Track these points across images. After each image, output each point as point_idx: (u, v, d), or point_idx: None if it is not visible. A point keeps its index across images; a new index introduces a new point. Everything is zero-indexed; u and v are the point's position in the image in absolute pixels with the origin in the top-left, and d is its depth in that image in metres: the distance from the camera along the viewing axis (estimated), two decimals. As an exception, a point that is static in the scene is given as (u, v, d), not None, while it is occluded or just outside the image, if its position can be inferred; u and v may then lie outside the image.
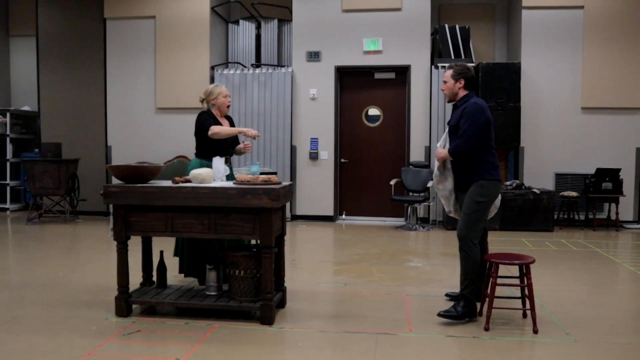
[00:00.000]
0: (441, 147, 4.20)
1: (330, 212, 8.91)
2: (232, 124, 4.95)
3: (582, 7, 8.41)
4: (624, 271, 5.66)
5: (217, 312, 4.11)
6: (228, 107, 4.81)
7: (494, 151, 4.10)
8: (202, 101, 4.84)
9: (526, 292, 3.88)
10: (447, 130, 4.22)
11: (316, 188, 8.90)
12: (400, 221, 8.80)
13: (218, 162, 4.36)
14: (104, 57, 9.24)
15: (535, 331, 3.74)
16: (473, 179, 4.00)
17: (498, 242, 7.09)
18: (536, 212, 7.96)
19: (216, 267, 4.19)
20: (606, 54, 8.27)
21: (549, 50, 8.50)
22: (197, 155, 4.73)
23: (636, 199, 8.50)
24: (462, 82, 4.09)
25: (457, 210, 4.24)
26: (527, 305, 3.92)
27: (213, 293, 4.15)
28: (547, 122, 8.49)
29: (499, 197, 4.20)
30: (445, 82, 4.16)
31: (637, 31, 8.29)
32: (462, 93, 4.10)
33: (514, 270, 5.13)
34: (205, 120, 4.64)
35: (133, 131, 9.15)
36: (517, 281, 4.07)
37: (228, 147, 4.74)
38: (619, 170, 8.07)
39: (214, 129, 4.54)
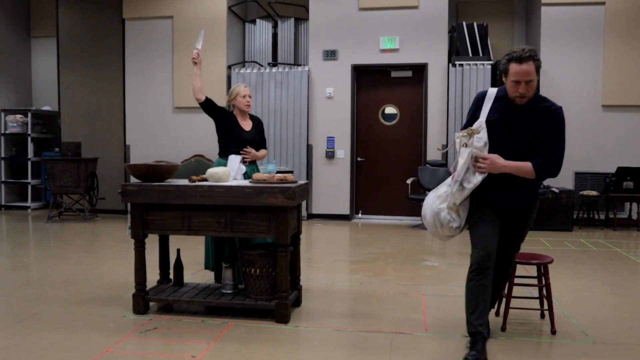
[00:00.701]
0: (483, 151, 3.15)
1: (346, 211, 8.90)
2: (258, 126, 4.87)
3: (603, 4, 8.29)
4: (634, 265, 5.58)
5: (233, 310, 4.12)
6: (247, 106, 4.76)
7: None
8: (227, 102, 4.85)
9: (544, 292, 3.84)
10: (482, 125, 3.17)
11: (332, 187, 8.90)
12: (416, 220, 8.76)
13: (232, 160, 4.42)
14: (122, 57, 9.32)
15: (553, 332, 3.70)
16: (534, 199, 3.32)
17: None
18: (555, 212, 7.87)
19: (232, 266, 4.21)
20: (628, 51, 8.15)
21: (568, 47, 8.40)
22: (219, 154, 4.78)
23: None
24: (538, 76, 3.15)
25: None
26: (545, 306, 3.87)
27: (229, 291, 4.17)
28: (566, 120, 8.36)
29: None
30: (529, 81, 3.06)
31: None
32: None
33: (532, 270, 5.08)
34: (216, 106, 4.74)
35: (151, 130, 9.22)
36: (535, 281, 4.03)
37: (244, 144, 4.71)
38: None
39: (196, 87, 4.71)
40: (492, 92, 3.27)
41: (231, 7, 9.01)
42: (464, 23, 8.71)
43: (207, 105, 4.67)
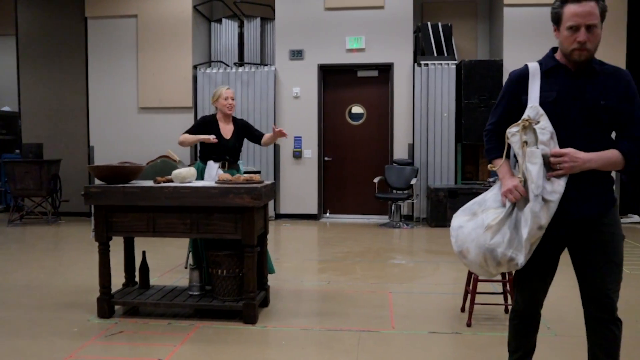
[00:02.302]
0: (549, 146, 2.28)
1: (314, 210, 8.91)
2: (240, 130, 4.77)
3: (562, 5, 8.47)
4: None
5: (200, 311, 4.10)
6: (229, 108, 4.68)
7: None
8: (212, 103, 4.80)
9: (507, 287, 3.91)
10: (542, 112, 2.32)
11: (300, 186, 8.90)
12: (384, 219, 8.83)
13: (211, 166, 4.50)
14: (85, 57, 9.16)
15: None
16: (613, 200, 2.40)
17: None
18: (519, 208, 8.01)
19: (199, 267, 4.17)
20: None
21: (530, 47, 8.55)
22: (199, 157, 4.79)
23: (617, 193, 8.60)
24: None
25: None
26: (509, 301, 3.95)
27: (196, 293, 4.14)
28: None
29: None
30: (591, 26, 2.28)
31: (615, 28, 8.38)
32: None
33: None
34: (193, 124, 4.73)
35: (115, 131, 9.08)
36: (499, 277, 4.09)
37: (225, 154, 4.66)
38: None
39: (180, 138, 4.62)
40: (535, 66, 2.50)
41: (196, 7, 8.93)
42: (429, 23, 8.81)
43: (191, 136, 4.62)
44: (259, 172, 8.32)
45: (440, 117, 8.59)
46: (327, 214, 9.17)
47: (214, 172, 4.47)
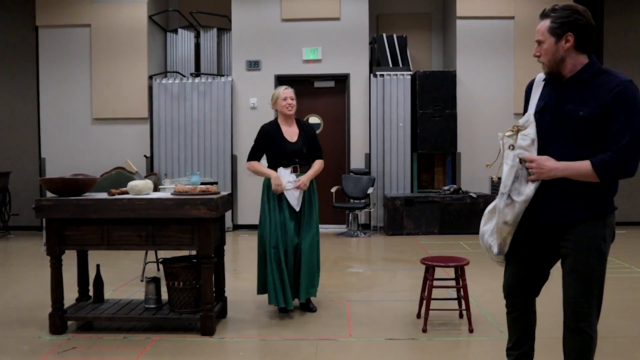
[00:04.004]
0: (529, 151, 2.46)
1: (273, 220, 8.89)
2: (307, 134, 4.46)
3: (512, 18, 8.76)
4: (558, 271, 5.90)
5: (157, 325, 4.05)
6: (288, 108, 4.40)
7: None
8: (272, 108, 4.60)
9: (461, 293, 4.00)
10: (530, 119, 2.50)
11: (258, 197, 8.80)
12: (341, 228, 8.88)
13: (281, 173, 4.32)
14: (36, 66, 8.94)
15: (471, 330, 3.86)
16: (592, 213, 2.42)
17: (437, 245, 7.27)
18: (473, 216, 8.19)
19: (155, 279, 4.12)
20: (536, 62, 8.61)
21: (482, 58, 8.80)
22: (268, 165, 4.49)
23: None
24: (571, 39, 2.40)
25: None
26: (463, 306, 4.03)
27: (152, 306, 4.08)
28: (482, 128, 8.77)
29: None
30: (540, 42, 2.47)
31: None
32: (578, 59, 2.44)
33: (451, 273, 5.27)
34: (256, 141, 4.48)
35: (68, 143, 8.88)
36: (453, 283, 4.19)
37: (293, 157, 4.36)
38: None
39: (247, 165, 4.48)
40: (540, 76, 2.62)
41: (152, 17, 8.85)
42: (384, 35, 8.96)
43: (261, 167, 4.44)
44: (215, 183, 8.27)
45: (396, 127, 8.73)
46: (286, 224, 9.16)
47: (286, 179, 4.25)
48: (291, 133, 4.42)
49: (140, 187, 3.93)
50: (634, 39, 8.94)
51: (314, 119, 9.13)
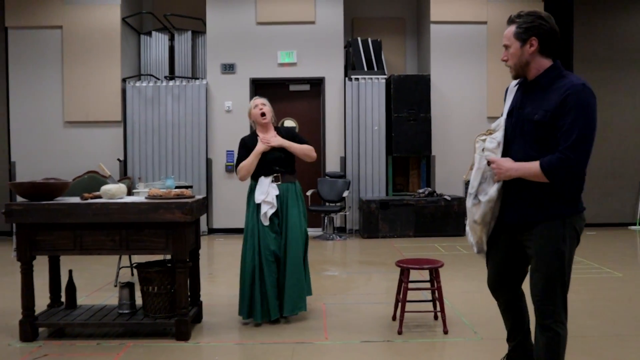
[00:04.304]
0: (496, 153, 2.62)
1: (248, 224, 8.86)
2: (283, 136, 4.29)
3: (485, 23, 8.88)
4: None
5: (131, 330, 4.00)
6: (261, 116, 4.26)
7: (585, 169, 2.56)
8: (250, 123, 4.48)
9: (436, 294, 4.04)
10: (501, 123, 2.67)
11: (233, 201, 8.83)
12: (317, 231, 8.89)
13: (262, 182, 4.16)
14: (5, 68, 8.78)
15: (446, 332, 3.90)
16: (549, 214, 2.53)
17: (412, 248, 7.32)
18: (448, 218, 8.28)
19: (129, 284, 4.08)
20: (506, 67, 8.76)
21: (456, 62, 8.91)
22: (251, 176, 4.33)
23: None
24: (535, 43, 2.52)
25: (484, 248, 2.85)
26: (438, 308, 4.07)
27: (126, 311, 4.04)
28: (456, 131, 8.86)
29: None
30: (506, 46, 2.61)
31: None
32: (542, 63, 2.56)
33: (426, 275, 5.31)
34: (239, 151, 4.29)
35: (39, 146, 8.73)
36: (428, 285, 4.22)
37: (272, 165, 4.22)
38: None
39: (238, 171, 4.24)
40: (514, 82, 2.75)
41: (125, 19, 8.76)
42: (359, 39, 9.00)
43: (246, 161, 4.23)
44: (190, 186, 8.22)
45: (371, 130, 8.78)
46: (261, 228, 9.13)
47: (265, 187, 4.13)
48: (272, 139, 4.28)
49: (114, 191, 3.89)
50: (602, 44, 9.13)
51: (289, 123, 9.13)
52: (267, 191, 4.13)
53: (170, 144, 8.71)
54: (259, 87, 9.03)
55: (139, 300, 4.11)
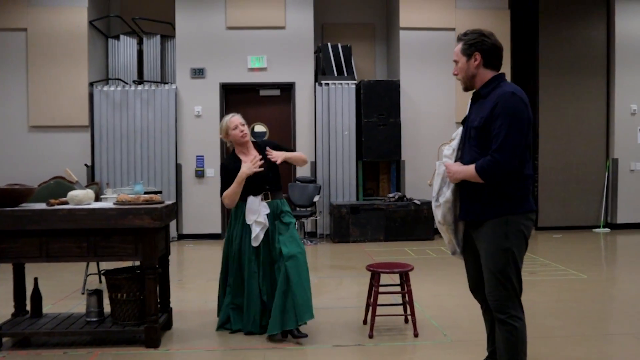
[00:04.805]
0: (451, 159, 2.91)
1: (218, 229, 8.82)
2: (264, 151, 4.09)
3: (453, 29, 9.00)
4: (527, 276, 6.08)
5: (99, 338, 3.94)
6: (243, 137, 4.05)
7: (529, 170, 2.79)
8: (223, 140, 4.23)
9: (406, 298, 4.07)
10: (459, 132, 2.96)
11: (203, 206, 8.78)
12: (289, 236, 8.87)
13: (252, 202, 3.98)
14: (-32, 72, 8.57)
15: (416, 335, 3.94)
16: (492, 213, 2.74)
17: (383, 252, 7.37)
18: (417, 222, 8.36)
19: (97, 291, 4.02)
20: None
21: (425, 68, 9.01)
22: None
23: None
24: (479, 57, 2.80)
25: (462, 250, 3.01)
26: (409, 311, 4.11)
27: (94, 319, 3.97)
28: (425, 136, 8.95)
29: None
30: (456, 61, 2.88)
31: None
32: (485, 75, 2.83)
33: (396, 278, 5.35)
34: (221, 178, 4.06)
35: (3, 151, 8.53)
36: (398, 288, 4.25)
37: (263, 183, 4.04)
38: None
39: (224, 200, 4.01)
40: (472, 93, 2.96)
41: (92, 22, 8.63)
42: (329, 44, 9.04)
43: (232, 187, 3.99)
44: (160, 192, 8.13)
45: (342, 135, 8.81)
46: (232, 233, 9.08)
47: (256, 207, 3.95)
48: (250, 160, 4.05)
49: (81, 197, 3.83)
50: (566, 52, 9.35)
51: (259, 128, 9.11)
52: (258, 210, 3.95)
53: (139, 149, 8.61)
54: (229, 92, 9.00)
55: (107, 308, 4.05)
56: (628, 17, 9.30)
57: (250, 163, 3.92)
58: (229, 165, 4.06)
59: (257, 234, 3.94)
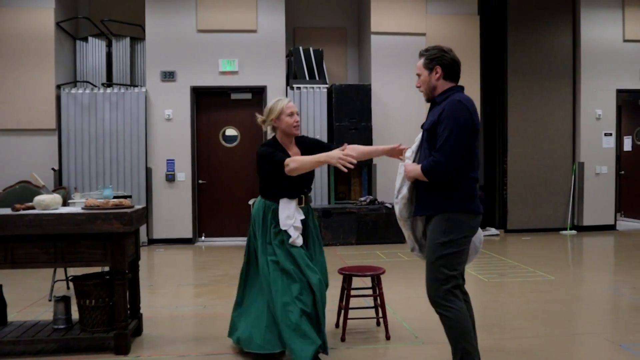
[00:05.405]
0: (411, 160, 3.14)
1: (189, 234, 8.73)
2: (309, 150, 3.68)
3: (424, 35, 9.11)
4: (468, 276, 6.11)
5: (67, 346, 3.86)
6: (296, 127, 3.62)
7: (474, 173, 3.01)
8: (262, 123, 3.72)
9: (378, 301, 4.09)
10: (420, 136, 3.17)
11: (174, 210, 8.69)
12: (261, 240, 8.84)
13: (285, 205, 3.53)
14: None
15: (388, 337, 3.96)
16: (435, 210, 2.99)
17: (355, 255, 7.39)
18: (389, 226, 8.40)
19: (64, 298, 3.94)
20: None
21: (396, 73, 9.08)
22: (262, 194, 3.67)
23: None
24: (439, 70, 3.06)
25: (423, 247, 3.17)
26: (380, 314, 4.12)
27: (62, 326, 3.89)
28: (396, 140, 8.92)
29: (480, 236, 3.19)
30: (418, 75, 3.15)
31: (469, 57, 9.13)
32: (443, 86, 3.07)
33: (368, 282, 5.37)
34: (271, 154, 3.53)
35: (-33, 155, 8.32)
36: (370, 292, 4.27)
37: (303, 185, 3.61)
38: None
39: (290, 164, 3.39)
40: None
41: (60, 23, 8.48)
42: (301, 48, 9.05)
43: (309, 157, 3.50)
44: (129, 196, 8.03)
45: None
46: (203, 238, 9.02)
47: (292, 212, 3.52)
48: (294, 154, 3.63)
49: (48, 202, 3.75)
50: (534, 57, 9.52)
51: (231, 131, 9.07)
52: (294, 216, 3.53)
53: (108, 153, 8.48)
54: (200, 95, 8.93)
55: (75, 315, 3.97)
56: (593, 24, 9.54)
57: (342, 154, 3.30)
58: (278, 149, 3.58)
59: (295, 238, 3.50)
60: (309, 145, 3.73)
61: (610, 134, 9.66)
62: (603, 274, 6.40)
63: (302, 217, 3.58)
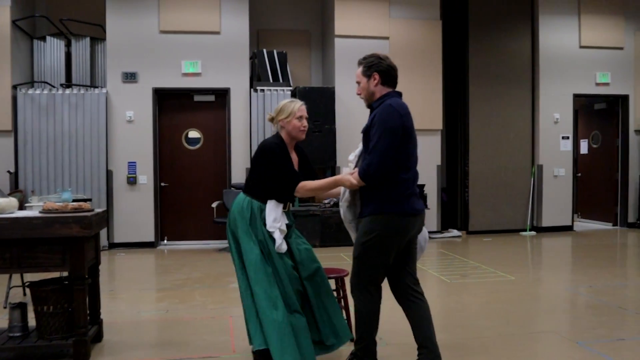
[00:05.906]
0: (354, 163, 3.28)
1: (151, 238, 8.60)
2: (303, 160, 3.66)
3: (387, 38, 9.19)
4: (431, 278, 6.24)
5: (23, 354, 3.75)
6: (302, 132, 3.52)
7: (405, 175, 3.09)
8: (271, 120, 3.59)
9: (342, 303, 4.10)
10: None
11: (135, 213, 8.55)
12: (223, 243, 8.77)
13: (273, 208, 3.46)
14: None
15: (352, 339, 3.96)
16: (368, 212, 3.14)
17: (319, 257, 7.32)
18: (353, 228, 8.43)
19: (20, 305, 3.83)
20: (408, 81, 9.10)
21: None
22: (247, 191, 3.54)
23: (439, 211, 9.43)
24: (377, 77, 3.15)
25: None
26: (345, 316, 4.12)
27: (17, 334, 3.78)
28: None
29: (425, 235, 3.36)
30: (358, 82, 3.24)
31: (432, 61, 9.27)
32: (381, 92, 3.18)
33: (333, 284, 5.38)
34: (284, 159, 3.43)
35: None
36: (334, 294, 4.26)
37: (293, 192, 3.52)
38: (423, 185, 8.90)
39: (305, 186, 3.41)
40: None
41: (16, 22, 8.26)
42: (265, 50, 9.02)
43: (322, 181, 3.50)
44: (89, 199, 7.87)
45: (278, 142, 8.78)
46: (165, 241, 8.90)
47: (278, 215, 3.46)
48: (294, 161, 3.59)
49: (3, 206, 3.64)
50: (494, 61, 9.72)
51: (193, 133, 8.98)
52: (280, 219, 3.48)
53: (67, 155, 8.29)
54: (162, 97, 8.82)
55: (32, 322, 3.86)
56: (551, 30, 9.79)
57: (352, 177, 3.17)
58: (284, 149, 3.47)
59: (280, 242, 3.46)
60: (302, 156, 3.68)
61: (568, 137, 9.92)
62: (561, 274, 6.57)
63: (287, 222, 3.54)
